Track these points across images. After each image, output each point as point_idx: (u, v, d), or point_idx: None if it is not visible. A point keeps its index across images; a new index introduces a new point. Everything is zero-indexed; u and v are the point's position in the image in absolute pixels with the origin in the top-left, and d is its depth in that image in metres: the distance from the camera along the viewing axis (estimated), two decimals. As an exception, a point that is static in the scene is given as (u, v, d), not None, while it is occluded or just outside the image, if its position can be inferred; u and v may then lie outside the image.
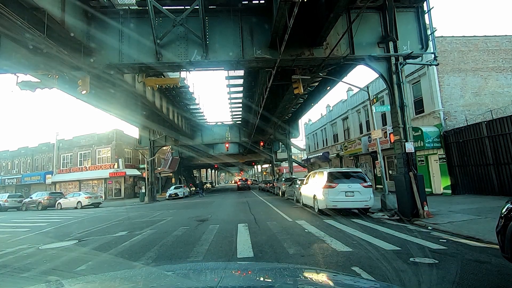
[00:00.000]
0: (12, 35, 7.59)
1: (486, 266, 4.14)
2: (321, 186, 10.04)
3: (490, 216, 7.35)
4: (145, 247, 6.37)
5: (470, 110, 14.40)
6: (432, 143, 14.30)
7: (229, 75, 18.28)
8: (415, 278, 3.76)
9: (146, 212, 15.16)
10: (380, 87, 18.24)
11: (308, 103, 24.33)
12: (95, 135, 35.93)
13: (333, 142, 28.77)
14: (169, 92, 20.17)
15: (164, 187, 39.15)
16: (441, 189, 14.40)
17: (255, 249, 5.57)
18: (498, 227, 3.53)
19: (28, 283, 4.49)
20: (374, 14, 9.77)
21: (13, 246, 7.53)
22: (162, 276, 1.72)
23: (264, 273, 1.74)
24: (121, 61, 9.43)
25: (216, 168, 67.74)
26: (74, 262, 5.53)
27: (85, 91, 9.66)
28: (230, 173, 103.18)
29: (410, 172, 8.93)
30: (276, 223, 8.78)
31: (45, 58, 8.79)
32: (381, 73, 9.85)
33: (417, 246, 5.38)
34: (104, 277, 1.87)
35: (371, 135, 12.69)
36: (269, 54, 9.60)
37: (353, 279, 1.96)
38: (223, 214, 12.00)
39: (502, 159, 11.51)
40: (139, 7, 9.49)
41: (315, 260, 4.78)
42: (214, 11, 9.72)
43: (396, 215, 8.99)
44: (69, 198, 23.78)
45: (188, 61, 9.49)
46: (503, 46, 15.29)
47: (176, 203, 21.19)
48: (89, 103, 17.41)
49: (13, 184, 38.52)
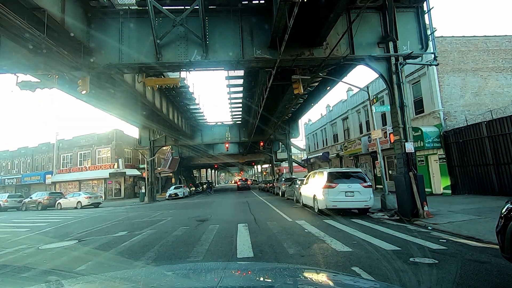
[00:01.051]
0: (12, 35, 7.59)
1: (486, 266, 4.14)
2: (321, 186, 10.04)
3: (490, 216, 7.34)
4: (145, 247, 6.36)
5: (470, 110, 14.40)
6: (432, 143, 14.30)
7: (229, 75, 18.27)
8: (415, 278, 3.76)
9: (146, 212, 15.16)
10: (380, 87, 18.24)
11: (308, 103, 24.35)
12: (95, 135, 35.92)
13: (333, 142, 28.77)
14: (169, 92, 20.17)
15: (164, 187, 39.16)
16: (441, 189, 14.40)
17: (255, 249, 5.57)
18: (498, 227, 3.53)
19: (28, 283, 4.49)
20: (374, 14, 9.78)
21: (13, 246, 7.52)
22: (162, 276, 1.72)
23: (264, 273, 1.74)
24: (121, 61, 9.43)
25: (216, 168, 67.77)
26: (74, 262, 5.53)
27: (85, 91, 9.66)
28: (230, 173, 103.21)
29: (410, 172, 8.93)
30: (276, 223, 8.78)
31: (45, 58, 8.78)
32: (381, 73, 9.86)
33: (417, 246, 5.37)
34: (104, 277, 1.87)
35: (371, 135, 12.70)
36: (269, 54, 9.60)
37: (353, 279, 1.96)
38: (223, 214, 12.01)
39: (502, 159, 11.51)
40: (139, 7, 9.49)
41: (315, 260, 4.78)
42: (214, 11, 9.72)
43: (396, 215, 9.00)
44: (69, 198, 23.78)
45: (188, 61, 9.49)
46: (503, 46, 15.29)
47: (176, 203, 21.19)
48: (89, 103, 17.41)
49: (13, 184, 38.51)
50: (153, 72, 12.89)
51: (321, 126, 32.01)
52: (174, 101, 22.74)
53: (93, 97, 15.49)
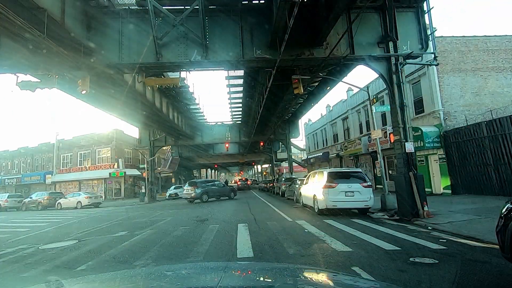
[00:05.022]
0: (12, 35, 7.59)
1: (486, 266, 4.14)
2: (321, 186, 10.03)
3: (490, 216, 7.33)
4: (145, 247, 6.36)
5: (470, 110, 14.39)
6: (432, 143, 14.29)
7: (229, 75, 18.28)
8: (415, 278, 3.76)
9: (146, 212, 15.16)
10: (380, 87, 18.22)
11: (308, 103, 24.33)
12: (95, 135, 35.90)
13: (333, 142, 28.76)
14: (169, 92, 20.16)
15: (164, 187, 39.15)
16: (441, 189, 14.40)
17: (255, 249, 5.56)
18: (498, 227, 3.53)
19: (28, 283, 4.48)
20: (374, 14, 9.77)
21: (13, 246, 7.52)
22: (162, 276, 1.72)
23: (264, 273, 1.74)
24: (121, 61, 9.43)
25: (216, 168, 67.76)
26: (74, 262, 5.52)
27: (85, 91, 9.66)
28: (230, 173, 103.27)
29: (410, 172, 8.92)
30: (276, 223, 8.78)
31: (45, 58, 8.79)
32: (381, 73, 9.85)
33: (417, 246, 5.37)
34: (104, 277, 1.87)
35: (371, 135, 12.70)
36: (269, 54, 9.60)
37: (353, 279, 1.96)
38: (223, 214, 12.00)
39: (502, 159, 11.49)
40: (139, 7, 9.49)
41: (315, 260, 4.78)
42: (214, 11, 9.72)
43: (396, 215, 9.00)
44: (69, 198, 23.78)
45: (188, 61, 9.49)
46: (503, 46, 15.28)
47: (176, 203, 21.18)
48: (89, 103, 17.41)
49: (13, 184, 38.48)
50: (153, 72, 12.90)
51: (321, 126, 32.00)
52: (174, 101, 22.72)
53: (93, 97, 15.48)
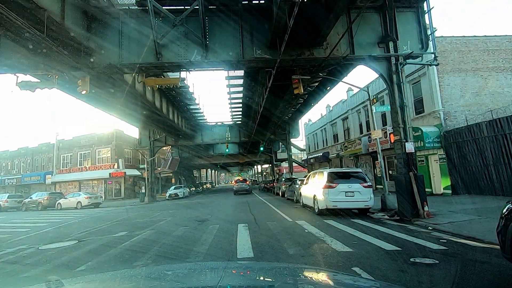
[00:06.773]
0: (12, 35, 7.59)
1: (487, 267, 4.14)
2: (321, 186, 10.03)
3: (490, 217, 7.33)
4: (145, 247, 6.36)
5: (470, 110, 14.39)
6: (432, 143, 14.29)
7: (229, 75, 18.28)
8: (416, 278, 3.76)
9: (146, 212, 15.15)
10: (380, 87, 18.22)
11: (308, 103, 24.32)
12: (95, 135, 35.90)
13: (333, 142, 28.75)
14: (169, 92, 20.17)
15: (164, 187, 39.14)
16: (441, 189, 14.38)
17: (255, 250, 5.56)
18: (498, 227, 3.53)
19: (28, 283, 4.48)
20: (374, 14, 9.77)
21: (13, 246, 7.52)
22: (162, 276, 1.72)
23: (264, 272, 1.74)
24: (121, 61, 9.42)
25: (216, 168, 67.78)
26: (74, 262, 5.52)
27: (85, 91, 9.66)
28: (230, 173, 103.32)
29: (410, 172, 8.92)
30: (276, 223, 8.78)
31: (45, 58, 8.78)
32: (381, 73, 9.85)
33: (417, 246, 5.37)
34: (104, 277, 1.87)
35: (371, 135, 12.70)
36: (269, 54, 9.60)
37: (353, 278, 1.96)
38: (223, 214, 12.00)
39: (503, 159, 11.49)
40: (139, 7, 9.49)
41: (315, 261, 4.77)
42: (214, 11, 9.71)
43: (396, 215, 8.99)
44: (69, 198, 23.74)
45: (188, 61, 9.48)
46: (503, 46, 15.28)
47: (176, 203, 21.17)
48: (89, 103, 17.42)
49: (13, 184, 38.50)
50: (153, 72, 12.88)
51: (321, 126, 31.99)
52: (174, 101, 22.73)
53: (93, 97, 15.49)
